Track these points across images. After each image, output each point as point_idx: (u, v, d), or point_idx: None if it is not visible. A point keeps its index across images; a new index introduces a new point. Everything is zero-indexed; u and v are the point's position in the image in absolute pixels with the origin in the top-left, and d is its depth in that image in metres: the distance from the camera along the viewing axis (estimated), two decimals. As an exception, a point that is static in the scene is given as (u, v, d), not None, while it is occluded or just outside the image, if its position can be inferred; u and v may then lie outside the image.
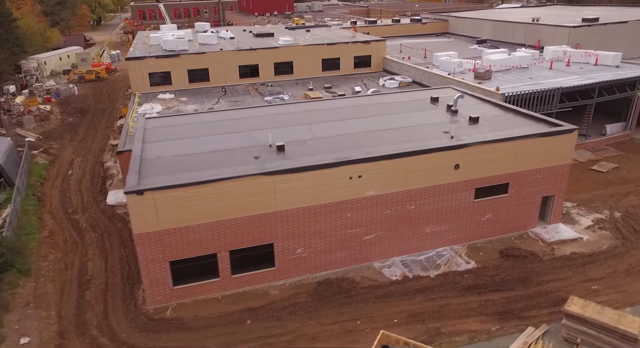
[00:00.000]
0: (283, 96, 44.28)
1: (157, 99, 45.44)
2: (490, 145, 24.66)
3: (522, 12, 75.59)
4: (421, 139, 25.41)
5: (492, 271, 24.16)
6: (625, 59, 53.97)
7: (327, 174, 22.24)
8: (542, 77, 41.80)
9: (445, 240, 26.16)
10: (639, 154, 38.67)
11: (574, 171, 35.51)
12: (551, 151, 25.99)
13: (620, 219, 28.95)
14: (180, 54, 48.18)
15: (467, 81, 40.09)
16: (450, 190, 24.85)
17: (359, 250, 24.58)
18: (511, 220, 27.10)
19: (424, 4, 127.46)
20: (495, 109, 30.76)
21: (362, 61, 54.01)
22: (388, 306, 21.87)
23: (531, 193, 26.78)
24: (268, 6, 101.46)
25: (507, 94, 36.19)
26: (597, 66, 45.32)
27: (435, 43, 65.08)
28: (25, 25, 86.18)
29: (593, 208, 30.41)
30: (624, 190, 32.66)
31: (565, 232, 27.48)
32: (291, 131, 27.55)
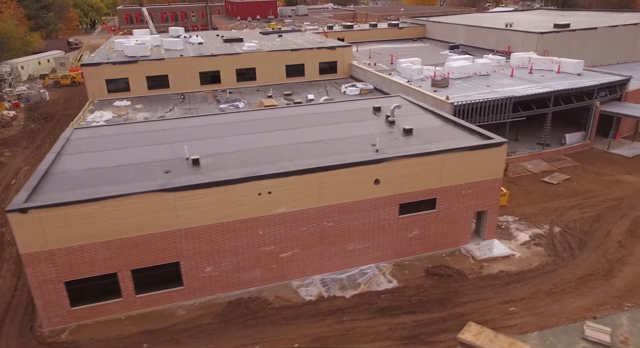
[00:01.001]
0: (238, 104, 43.50)
1: (112, 107, 44.79)
2: (412, 159, 23.77)
3: (502, 17, 74.59)
4: (348, 152, 24.55)
5: (412, 291, 23.24)
6: (596, 66, 53.20)
7: (233, 190, 21.40)
8: (500, 85, 40.89)
9: (370, 257, 25.26)
10: (594, 165, 37.66)
11: (524, 183, 34.74)
12: (480, 165, 25.07)
13: (559, 234, 27.98)
14: (138, 61, 47.49)
15: (421, 89, 39.23)
16: (371, 206, 23.96)
17: (276, 268, 23.72)
18: (442, 236, 26.18)
19: (415, 8, 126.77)
20: (435, 120, 29.87)
21: (327, 67, 53.21)
22: (294, 328, 21.00)
23: (461, 209, 25.85)
24: (252, 10, 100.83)
25: (457, 104, 35.31)
26: (560, 73, 44.36)
27: (408, 48, 64.24)
28: (3, 30, 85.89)
29: (534, 223, 29.45)
30: (570, 203, 31.67)
31: (498, 249, 26.54)
32: (218, 142, 26.73)
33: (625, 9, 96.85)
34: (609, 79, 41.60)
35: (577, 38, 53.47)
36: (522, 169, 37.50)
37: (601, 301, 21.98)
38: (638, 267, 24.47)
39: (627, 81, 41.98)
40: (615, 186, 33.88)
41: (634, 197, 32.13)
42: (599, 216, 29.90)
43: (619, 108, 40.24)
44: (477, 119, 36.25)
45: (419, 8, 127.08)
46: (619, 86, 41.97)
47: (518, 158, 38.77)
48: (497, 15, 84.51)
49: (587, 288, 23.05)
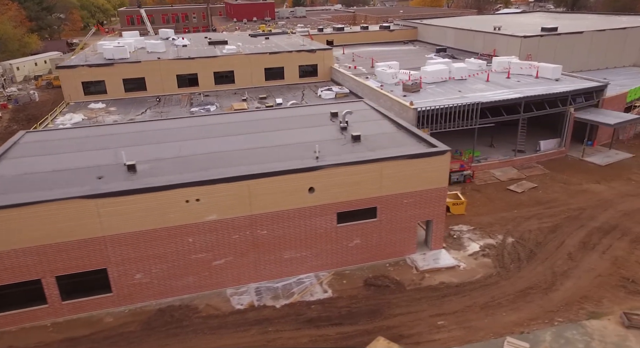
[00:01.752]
0: (210, 107, 43.44)
1: (86, 109, 45.06)
2: (349, 167, 23.32)
3: (499, 20, 73.29)
4: (289, 159, 24.18)
5: (344, 302, 22.78)
6: (583, 71, 52.06)
7: (159, 197, 21.20)
8: (473, 90, 40.14)
9: (309, 266, 24.85)
10: (564, 173, 36.70)
11: (488, 191, 34.02)
12: (422, 174, 24.51)
13: (511, 245, 27.26)
14: (114, 63, 47.75)
15: (389, 94, 38.70)
16: (306, 215, 23.56)
17: (209, 276, 23.45)
18: (385, 246, 25.65)
19: (418, 10, 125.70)
20: (390, 127, 29.32)
21: (308, 71, 52.95)
22: (217, 338, 20.71)
23: (404, 218, 25.30)
24: (249, 12, 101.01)
25: (420, 109, 34.73)
26: (538, 79, 43.40)
27: (395, 51, 63.61)
28: (1, 31, 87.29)
29: (488, 233, 28.75)
30: (530, 213, 30.86)
31: (444, 259, 25.93)
32: (164, 148, 26.55)
33: (629, 11, 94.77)
34: (585, 85, 40.58)
35: (563, 42, 52.38)
36: (489, 176, 36.73)
37: (534, 316, 21.29)
38: (581, 280, 23.69)
39: (604, 87, 40.87)
40: (581, 196, 32.96)
41: (596, 207, 31.22)
42: (556, 226, 29.09)
43: (592, 115, 39.20)
44: (443, 125, 35.65)
45: (422, 10, 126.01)
46: (596, 92, 40.90)
47: (488, 165, 38.01)
48: (497, 17, 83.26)
49: (524, 301, 22.36)
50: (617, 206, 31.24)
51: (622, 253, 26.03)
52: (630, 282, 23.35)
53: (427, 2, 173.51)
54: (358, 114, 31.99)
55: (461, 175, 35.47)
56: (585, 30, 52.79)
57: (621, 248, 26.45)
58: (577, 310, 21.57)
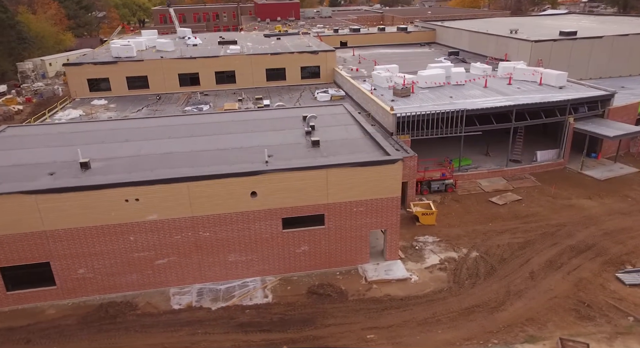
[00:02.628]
0: (203, 107, 43.97)
1: (88, 105, 46.66)
2: (293, 173, 22.94)
3: (526, 22, 70.08)
4: (240, 162, 24.05)
5: (280, 308, 22.42)
6: (603, 78, 49.29)
7: (98, 195, 21.57)
8: (466, 96, 38.68)
9: (255, 270, 24.63)
10: (555, 186, 34.71)
11: (468, 202, 32.72)
12: (372, 183, 23.76)
13: (473, 260, 26.03)
14: (117, 61, 49.18)
15: (376, 99, 37.92)
16: (249, 219, 23.35)
17: (152, 275, 23.66)
18: (335, 254, 25.08)
19: (452, 10, 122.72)
20: (357, 132, 28.59)
21: (310, 72, 52.66)
22: (144, 337, 20.84)
23: (355, 227, 24.63)
24: (274, 12, 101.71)
25: (399, 115, 33.77)
26: (542, 86, 41.32)
27: (407, 54, 62.31)
28: (38, 28, 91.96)
29: (454, 245, 27.58)
30: (504, 227, 29.37)
31: (396, 271, 25.06)
32: (125, 146, 27.00)
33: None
34: (589, 93, 38.26)
35: (580, 47, 49.62)
36: (475, 186, 35.26)
37: (470, 336, 20.20)
38: (533, 301, 22.29)
39: (610, 96, 38.39)
40: (565, 211, 31.07)
41: (578, 224, 29.34)
42: (528, 242, 27.55)
43: (593, 126, 36.85)
44: (425, 132, 34.53)
45: (453, 11, 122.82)
46: (601, 102, 38.48)
47: (476, 174, 36.50)
48: (528, 19, 79.27)
49: (465, 320, 21.26)
50: (602, 224, 29.24)
51: (588, 274, 24.32)
52: (585, 306, 21.75)
53: (467, 3, 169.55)
54: (332, 118, 31.51)
55: (442, 184, 34.22)
56: (605, 35, 49.80)
57: (589, 270, 24.71)
58: (518, 332, 20.30)
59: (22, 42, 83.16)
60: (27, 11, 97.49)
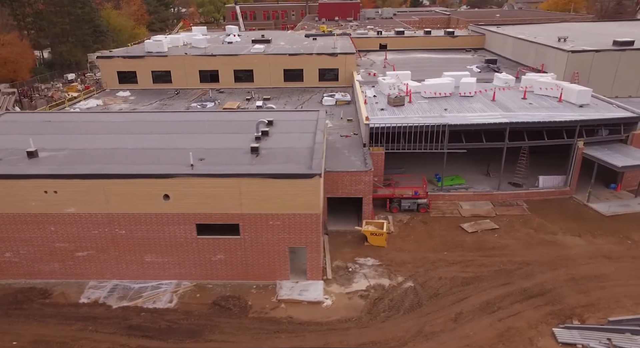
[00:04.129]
0: (207, 104, 44.81)
1: (112, 96, 49.58)
2: (204, 179, 22.42)
3: (602, 29, 62.75)
4: (166, 164, 24.09)
5: (176, 315, 22.07)
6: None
7: (20, 184, 22.67)
8: (465, 109, 35.49)
9: (171, 273, 24.48)
10: (546, 217, 30.65)
11: (435, 226, 30.16)
12: (287, 196, 22.53)
13: (403, 291, 23.75)
14: (145, 56, 51.62)
15: (362, 106, 36.04)
16: (163, 221, 23.22)
17: (73, 266, 24.45)
18: (252, 267, 24.18)
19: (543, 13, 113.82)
20: (307, 142, 27.17)
21: (329, 74, 51.48)
22: (38, 326, 21.50)
23: (271, 241, 23.54)
24: (334, 12, 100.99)
25: (372, 126, 31.79)
26: (562, 102, 36.74)
27: (441, 59, 58.61)
28: (115, 23, 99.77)
29: (392, 272, 25.38)
30: (460, 258, 26.48)
31: (311, 292, 23.58)
32: (80, 139, 27.99)
33: None
34: (607, 115, 33.30)
35: (630, 60, 43.29)
36: (453, 209, 32.25)
37: (343, 377, 18.44)
38: (439, 347, 19.83)
39: (637, 119, 33.13)
40: (540, 248, 27.32)
41: (546, 264, 25.64)
42: (476, 278, 24.60)
43: (603, 152, 31.98)
44: (403, 145, 32.20)
45: (541, 13, 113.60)
46: (625, 126, 33.33)
47: (460, 196, 33.38)
48: (601, 26, 70.73)
49: (351, 358, 19.47)
50: (574, 268, 25.30)
51: (522, 324, 21.12)
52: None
53: (560, 6, 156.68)
54: (297, 125, 30.42)
55: (414, 203, 31.67)
56: None
57: (527, 319, 21.46)
58: (396, 381, 18.17)
59: (100, 35, 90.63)
60: (111, 7, 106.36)
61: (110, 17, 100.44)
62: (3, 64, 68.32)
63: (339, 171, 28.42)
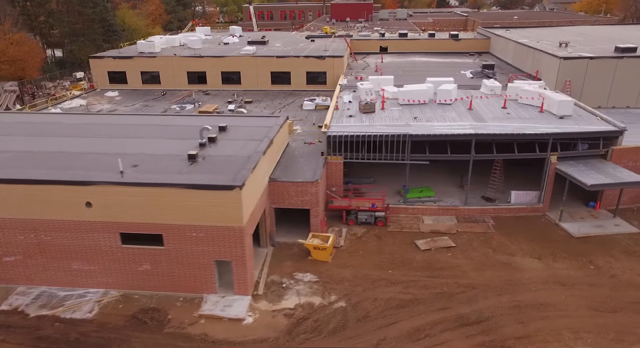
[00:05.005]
0: (188, 106, 44.49)
1: (101, 96, 49.98)
2: (125, 188, 21.84)
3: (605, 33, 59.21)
4: (99, 170, 23.63)
5: (89, 327, 21.54)
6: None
7: (-55, 187, 22.69)
8: (435, 118, 33.72)
9: (99, 281, 24.00)
10: (510, 236, 28.73)
11: (389, 241, 28.82)
12: (209, 208, 21.68)
13: (332, 311, 22.52)
14: (134, 57, 51.80)
15: (329, 113, 34.86)
16: (86, 229, 22.76)
17: (2, 270, 24.28)
18: (178, 278, 23.44)
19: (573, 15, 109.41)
20: (250, 150, 26.24)
21: (316, 78, 50.42)
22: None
23: (196, 253, 22.74)
24: (346, 13, 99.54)
25: (330, 134, 30.58)
26: (543, 112, 34.54)
27: (438, 63, 56.55)
28: (131, 22, 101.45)
29: (327, 290, 24.17)
30: (403, 278, 24.99)
31: (235, 308, 22.64)
32: (27, 141, 27.83)
33: None
34: (584, 128, 31.01)
35: (627, 69, 40.42)
36: (414, 223, 30.68)
37: (233, 405, 17.42)
38: (340, 379, 18.54)
39: (617, 133, 30.71)
40: (492, 270, 25.52)
41: (493, 288, 23.88)
42: (413, 301, 23.12)
43: (575, 168, 29.72)
44: (362, 155, 30.88)
45: (570, 15, 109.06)
46: (605, 140, 30.95)
47: (424, 210, 31.78)
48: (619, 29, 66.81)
49: (250, 383, 18.44)
50: (522, 294, 23.45)
51: (445, 356, 19.62)
52: (392, 399, 17.52)
53: (594, 7, 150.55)
54: (250, 131, 29.55)
55: (371, 216, 30.27)
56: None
57: (452, 350, 19.94)
58: None
59: (113, 34, 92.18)
60: (127, 7, 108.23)
61: (125, 16, 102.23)
62: (12, 62, 70.36)
63: (284, 181, 27.38)
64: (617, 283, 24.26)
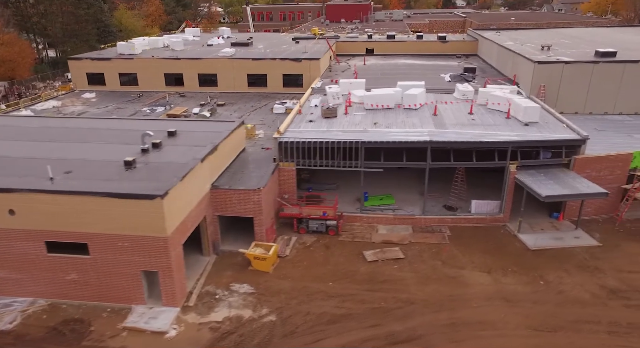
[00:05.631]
0: (158, 109, 44.07)
1: (79, 98, 49.82)
2: (47, 196, 21.34)
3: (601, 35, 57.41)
4: (23, 176, 23.15)
5: (6, 340, 21.04)
6: (630, 114, 38.73)
7: None
8: (398, 124, 32.74)
9: (27, 290, 23.48)
10: (464, 248, 27.66)
11: (336, 251, 28.08)
12: (131, 217, 21.09)
13: (260, 326, 21.74)
14: (111, 58, 51.60)
15: (288, 117, 34.10)
16: (10, 237, 22.30)
17: None
18: (105, 288, 22.87)
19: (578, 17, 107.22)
20: (190, 156, 25.62)
21: (293, 80, 49.68)
22: None
23: (122, 263, 22.15)
24: (342, 14, 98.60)
25: (281, 140, 29.80)
26: (509, 119, 33.40)
27: (422, 66, 55.39)
28: (127, 23, 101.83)
29: (260, 302, 23.40)
30: (342, 291, 24.10)
31: (160, 321, 21.99)
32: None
33: None
34: (546, 136, 29.78)
35: (603, 74, 38.80)
36: (367, 233, 29.74)
37: None
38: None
39: (580, 142, 29.41)
40: (437, 284, 24.50)
41: (433, 304, 22.87)
42: (347, 317, 22.24)
43: (534, 178, 28.50)
44: (315, 162, 30.06)
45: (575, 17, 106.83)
46: (567, 149, 29.69)
47: (379, 219, 30.83)
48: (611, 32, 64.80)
49: (153, 402, 17.76)
50: (463, 311, 22.42)
51: (362, 378, 18.72)
52: None
53: (602, 7, 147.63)
54: (200, 136, 28.91)
55: (322, 225, 29.42)
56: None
57: (371, 371, 19.02)
58: None
59: (108, 35, 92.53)
60: (125, 7, 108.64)
61: (122, 17, 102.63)
62: (1, 62, 70.84)
63: (226, 188, 26.67)
64: (563, 300, 23.11)
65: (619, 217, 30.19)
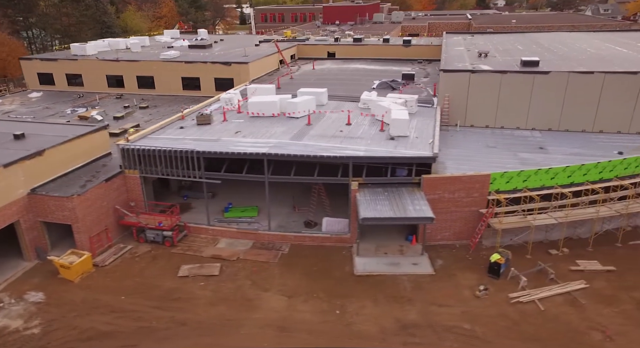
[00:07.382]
0: (81, 110, 44.99)
1: (23, 97, 51.92)
2: None
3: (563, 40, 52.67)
4: None
5: None
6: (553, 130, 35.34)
7: None
8: (256, 134, 31.29)
9: None
10: (288, 269, 25.98)
11: (159, 263, 27.86)
12: None
13: (19, 338, 21.38)
14: (57, 59, 53.33)
15: (161, 122, 33.65)
16: None
17: None
18: None
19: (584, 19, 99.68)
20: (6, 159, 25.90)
21: (225, 84, 49.14)
22: None
23: None
24: (338, 16, 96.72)
25: (122, 147, 29.35)
26: (383, 131, 31.24)
27: (372, 71, 53.07)
28: (132, 24, 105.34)
29: (41, 312, 23.03)
30: (129, 306, 23.26)
31: None
32: None
33: None
34: (391, 153, 27.42)
35: (512, 86, 35.11)
36: (205, 246, 28.72)
37: None
38: None
39: (430, 160, 26.83)
40: (225, 308, 23.08)
41: (204, 329, 21.60)
42: (110, 335, 21.43)
43: (367, 198, 26.21)
44: (159, 170, 29.38)
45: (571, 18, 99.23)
46: (418, 167, 27.20)
47: (225, 232, 29.66)
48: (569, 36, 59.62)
49: None
50: (227, 337, 20.99)
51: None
52: None
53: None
54: (45, 140, 29.10)
55: (159, 235, 28.71)
56: (552, 70, 34.48)
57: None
58: None
59: (110, 36, 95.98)
60: (133, 9, 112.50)
61: (128, 18, 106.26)
62: (-9, 61, 75.16)
63: (42, 194, 26.60)
64: (343, 333, 21.14)
65: (472, 244, 27.32)
